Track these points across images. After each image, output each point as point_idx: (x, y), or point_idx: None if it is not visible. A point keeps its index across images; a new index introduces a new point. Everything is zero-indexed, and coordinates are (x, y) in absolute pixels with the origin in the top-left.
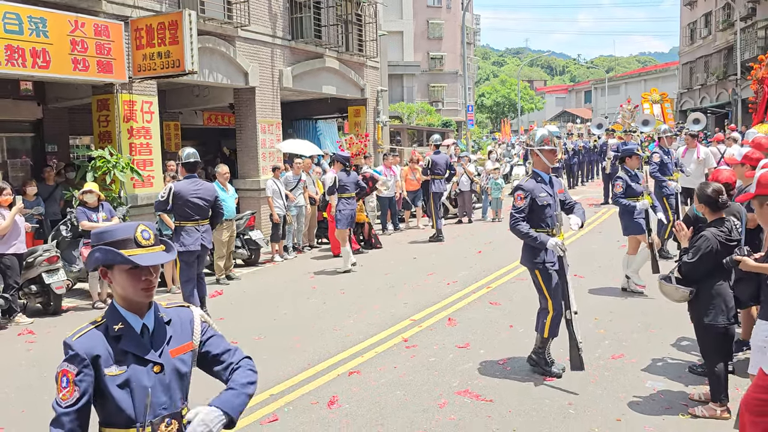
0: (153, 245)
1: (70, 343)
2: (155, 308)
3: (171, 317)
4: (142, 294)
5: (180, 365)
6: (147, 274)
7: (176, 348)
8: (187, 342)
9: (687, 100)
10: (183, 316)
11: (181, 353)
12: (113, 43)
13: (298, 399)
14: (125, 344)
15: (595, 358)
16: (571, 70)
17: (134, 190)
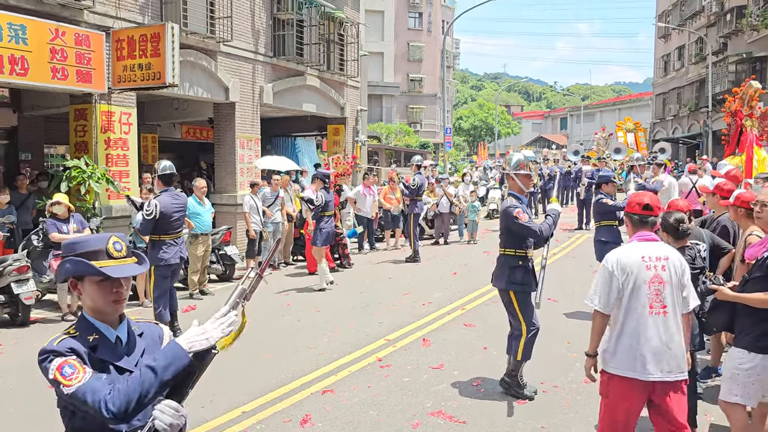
0: (125, 257)
1: (53, 347)
2: (128, 321)
3: (143, 330)
4: (112, 306)
5: None
6: (118, 286)
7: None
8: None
9: (660, 130)
10: (153, 332)
11: None
12: (94, 53)
13: (270, 417)
14: (102, 353)
15: (568, 381)
16: (548, 97)
17: (109, 201)
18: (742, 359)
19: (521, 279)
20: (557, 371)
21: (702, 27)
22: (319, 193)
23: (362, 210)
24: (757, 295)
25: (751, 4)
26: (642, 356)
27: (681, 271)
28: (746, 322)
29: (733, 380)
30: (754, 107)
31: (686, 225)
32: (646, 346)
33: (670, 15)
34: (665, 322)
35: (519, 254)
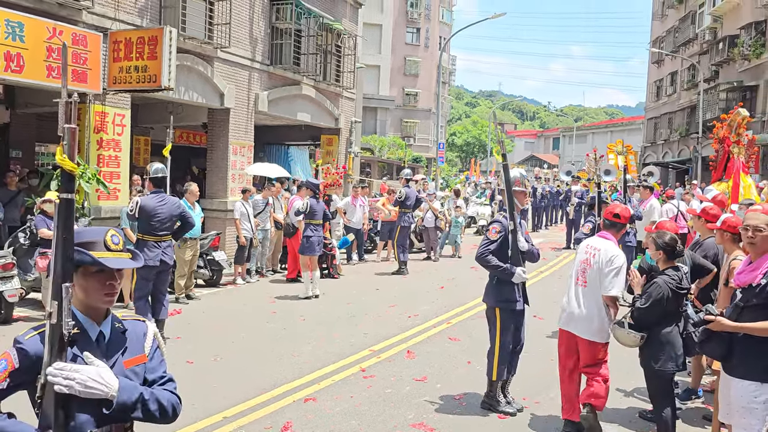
0: (121, 251)
1: (21, 341)
2: (113, 317)
3: (127, 327)
4: (103, 299)
5: (132, 377)
6: (112, 279)
7: (130, 359)
8: (141, 354)
9: (650, 154)
10: (138, 329)
11: (134, 365)
12: (90, 53)
13: (251, 423)
14: (78, 349)
15: (550, 398)
16: (541, 117)
17: (99, 202)
18: (757, 392)
19: (508, 296)
20: (539, 387)
21: (695, 54)
22: (307, 200)
23: (351, 221)
24: (762, 324)
25: (743, 35)
26: (568, 314)
27: (605, 262)
28: (750, 353)
29: (751, 415)
30: (741, 134)
31: (680, 246)
32: (570, 307)
33: (664, 41)
34: (584, 293)
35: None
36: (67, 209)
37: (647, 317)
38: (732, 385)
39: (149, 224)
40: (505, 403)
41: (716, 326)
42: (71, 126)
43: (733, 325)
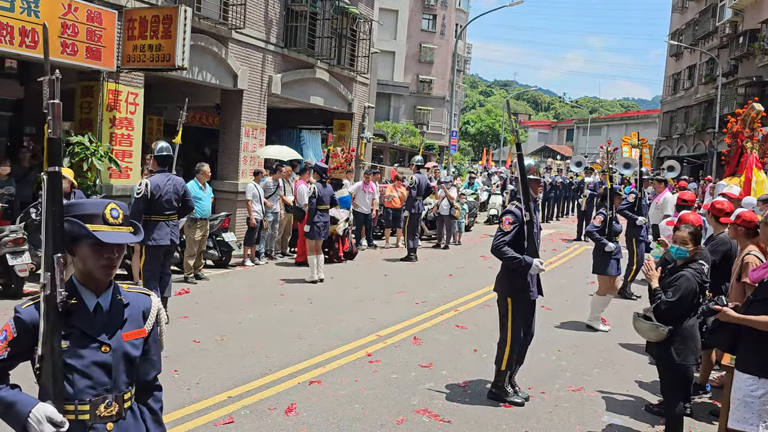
0: (120, 225)
1: (18, 310)
2: (115, 289)
3: (130, 301)
4: (102, 271)
5: (130, 349)
6: (109, 252)
7: (130, 332)
8: (141, 328)
9: (665, 148)
10: (141, 302)
11: (133, 338)
12: (105, 30)
13: (256, 403)
14: (74, 320)
15: (555, 389)
16: (556, 108)
17: (110, 180)
18: (755, 386)
19: (521, 286)
20: (546, 378)
21: (714, 48)
22: (314, 185)
23: (360, 206)
24: (763, 318)
25: (764, 29)
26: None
27: None
28: (752, 346)
29: (747, 408)
30: (755, 129)
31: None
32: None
33: (683, 34)
34: None
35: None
36: (54, 182)
37: (675, 311)
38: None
39: (158, 204)
40: (513, 393)
41: (722, 316)
42: (55, 101)
43: (737, 317)
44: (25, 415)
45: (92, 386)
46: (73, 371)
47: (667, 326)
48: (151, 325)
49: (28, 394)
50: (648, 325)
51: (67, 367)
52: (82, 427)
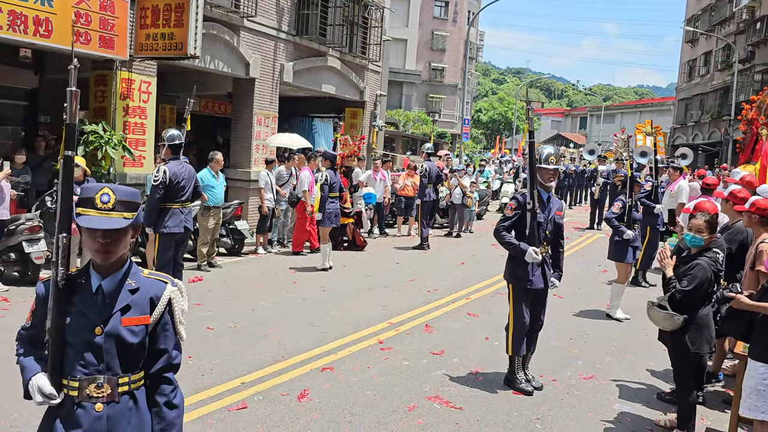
0: (111, 210)
1: (37, 285)
2: (126, 274)
3: (141, 286)
4: (96, 255)
5: (127, 335)
6: (99, 237)
7: (130, 318)
8: (144, 315)
9: (680, 136)
10: (153, 289)
11: (133, 324)
12: (117, 19)
13: (269, 389)
14: (77, 299)
15: (567, 377)
16: (569, 95)
17: (124, 168)
18: (767, 374)
19: (520, 274)
20: (558, 366)
21: (731, 34)
22: (326, 172)
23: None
24: None
25: None
26: None
27: None
28: (765, 334)
29: (759, 396)
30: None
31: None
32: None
33: (699, 20)
34: None
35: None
36: (67, 166)
37: (690, 300)
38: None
39: (174, 190)
40: (525, 381)
41: (736, 304)
42: (72, 89)
43: (750, 304)
44: (26, 382)
45: (84, 365)
46: (69, 348)
47: (682, 315)
48: (159, 314)
49: (39, 363)
50: (663, 314)
51: (65, 343)
52: (71, 403)
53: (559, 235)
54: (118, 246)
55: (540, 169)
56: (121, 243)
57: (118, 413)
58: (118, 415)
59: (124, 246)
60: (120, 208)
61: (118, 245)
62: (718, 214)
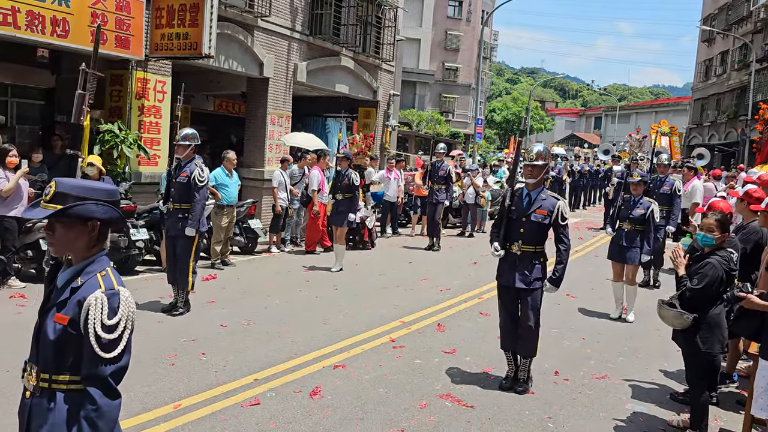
0: (48, 202)
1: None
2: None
3: (82, 286)
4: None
5: (49, 331)
6: (45, 228)
7: (59, 315)
8: (67, 315)
9: (695, 136)
10: (87, 290)
11: (57, 322)
12: (133, 19)
13: (281, 386)
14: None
15: (579, 376)
16: (584, 95)
17: (139, 167)
18: None
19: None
20: (570, 365)
21: (748, 33)
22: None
23: (386, 194)
24: None
25: None
26: None
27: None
28: None
29: None
30: None
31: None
32: None
33: (716, 19)
34: None
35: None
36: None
37: (701, 298)
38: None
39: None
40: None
41: (747, 303)
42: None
43: (761, 303)
44: None
45: (31, 350)
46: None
47: (692, 314)
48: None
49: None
50: (673, 312)
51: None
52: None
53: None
54: (57, 239)
55: (524, 167)
56: (62, 236)
57: (36, 407)
58: (36, 410)
59: (69, 240)
60: (57, 200)
61: (58, 238)
62: (731, 214)
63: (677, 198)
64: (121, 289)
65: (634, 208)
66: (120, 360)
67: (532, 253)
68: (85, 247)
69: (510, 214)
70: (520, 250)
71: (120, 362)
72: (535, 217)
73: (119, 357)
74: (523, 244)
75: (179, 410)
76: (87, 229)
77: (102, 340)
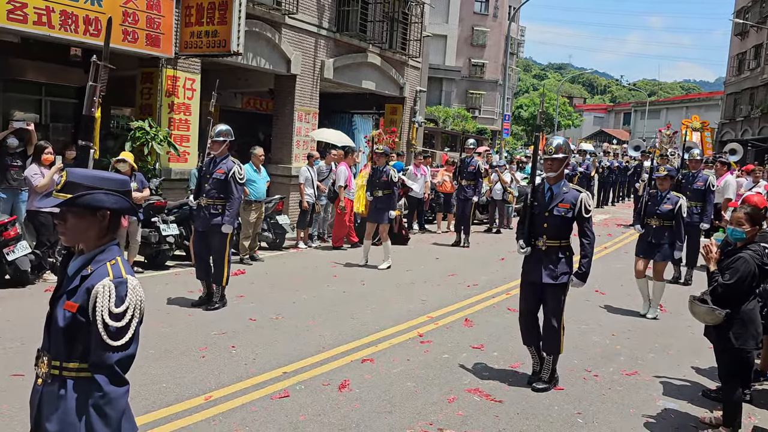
0: (59, 191)
1: None
2: (90, 260)
3: (92, 274)
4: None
5: (59, 318)
6: (56, 218)
7: (69, 302)
8: (76, 303)
9: (728, 131)
10: (95, 279)
11: (67, 309)
12: (163, 18)
13: (310, 379)
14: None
15: (609, 373)
16: (613, 91)
17: (169, 164)
18: None
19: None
20: (599, 361)
21: None
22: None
23: (412, 190)
24: None
25: None
26: None
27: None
28: None
29: None
30: None
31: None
32: None
33: (750, 12)
34: None
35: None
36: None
37: (732, 294)
38: None
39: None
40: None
41: None
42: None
43: None
44: None
45: (44, 337)
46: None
47: (723, 310)
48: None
49: None
50: (704, 308)
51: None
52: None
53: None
54: (69, 228)
55: (544, 161)
56: (73, 225)
57: (48, 395)
58: (47, 397)
59: (80, 229)
60: (68, 189)
61: (69, 227)
62: (766, 209)
63: (711, 194)
64: (129, 277)
65: (661, 204)
66: (128, 348)
67: (557, 248)
68: (96, 237)
69: (533, 209)
70: (545, 245)
71: (128, 350)
72: (557, 210)
73: (127, 345)
74: (547, 239)
75: (210, 401)
76: (97, 218)
77: (110, 328)
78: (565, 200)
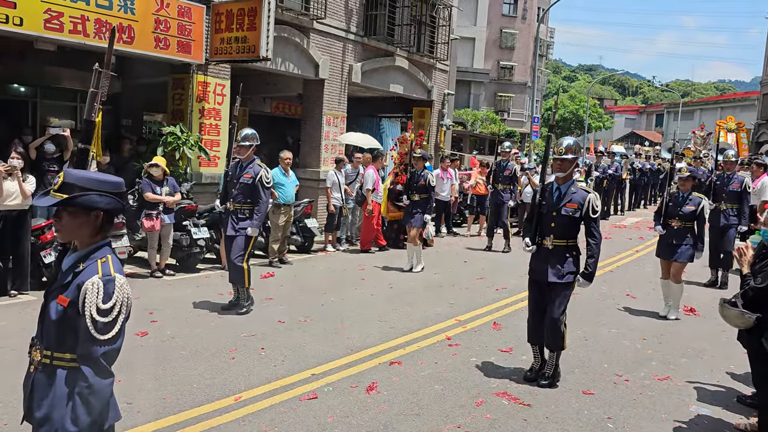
0: (57, 191)
1: None
2: (84, 257)
3: (84, 271)
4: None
5: (52, 311)
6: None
7: (61, 297)
8: (68, 297)
9: (764, 132)
10: (86, 276)
11: (59, 303)
12: (194, 24)
13: (338, 381)
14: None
15: (640, 377)
16: (645, 92)
17: (200, 168)
18: None
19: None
20: (630, 366)
21: None
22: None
23: (440, 194)
24: None
25: None
26: None
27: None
28: None
29: None
30: None
31: None
32: None
33: None
34: None
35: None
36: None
37: (764, 297)
38: None
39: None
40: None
41: None
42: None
43: None
44: None
45: (37, 326)
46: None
47: (754, 314)
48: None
49: None
50: (735, 312)
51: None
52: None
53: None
54: (63, 226)
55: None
56: (68, 224)
57: (38, 382)
58: (38, 385)
59: (74, 227)
60: (64, 190)
61: (64, 225)
62: None
63: (747, 195)
64: (117, 275)
65: (683, 205)
66: (114, 342)
67: (564, 247)
68: (89, 235)
69: (540, 208)
70: (552, 244)
71: (114, 344)
72: (565, 210)
73: (113, 339)
74: (554, 238)
75: (239, 402)
76: (91, 218)
77: (98, 322)
78: (573, 200)
